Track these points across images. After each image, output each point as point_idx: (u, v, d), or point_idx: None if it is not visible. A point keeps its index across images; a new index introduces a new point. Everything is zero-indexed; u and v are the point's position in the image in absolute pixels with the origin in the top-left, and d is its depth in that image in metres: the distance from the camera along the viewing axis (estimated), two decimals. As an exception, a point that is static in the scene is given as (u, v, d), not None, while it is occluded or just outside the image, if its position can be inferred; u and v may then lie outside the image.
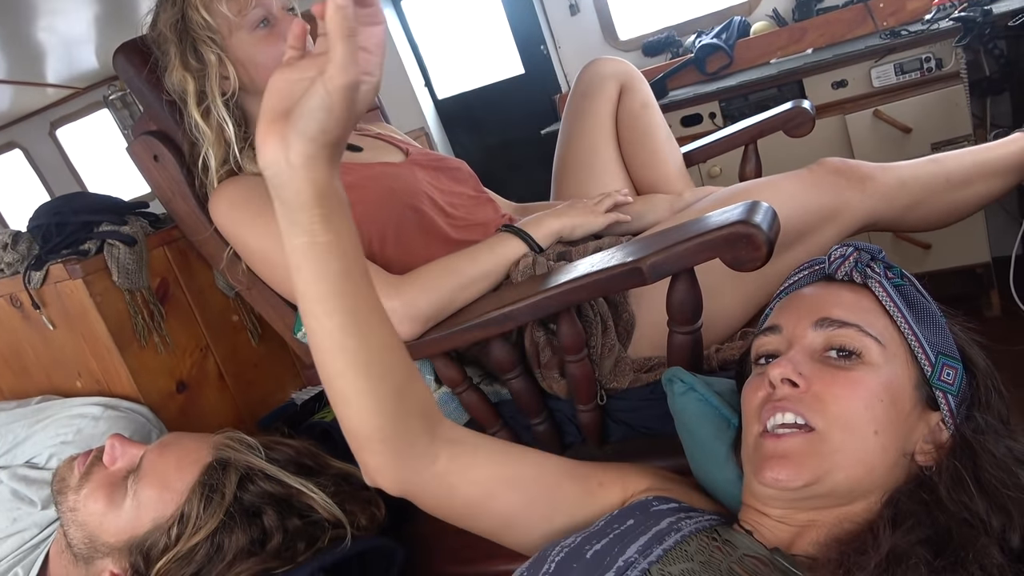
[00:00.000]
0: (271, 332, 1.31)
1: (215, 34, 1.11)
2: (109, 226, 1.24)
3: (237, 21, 1.10)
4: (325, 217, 0.62)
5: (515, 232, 1.12)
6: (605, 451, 1.10)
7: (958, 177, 1.14)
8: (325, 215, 0.62)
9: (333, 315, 0.64)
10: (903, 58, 2.13)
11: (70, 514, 0.88)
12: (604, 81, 1.43)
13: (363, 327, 0.65)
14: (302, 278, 0.64)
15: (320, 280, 0.63)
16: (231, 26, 1.11)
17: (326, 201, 0.61)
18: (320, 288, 0.63)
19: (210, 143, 1.13)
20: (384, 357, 0.67)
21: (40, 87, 3.88)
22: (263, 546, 0.87)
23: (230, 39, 1.12)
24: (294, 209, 0.61)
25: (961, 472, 0.61)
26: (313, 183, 0.60)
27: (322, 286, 0.63)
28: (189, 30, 1.11)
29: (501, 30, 3.73)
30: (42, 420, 1.16)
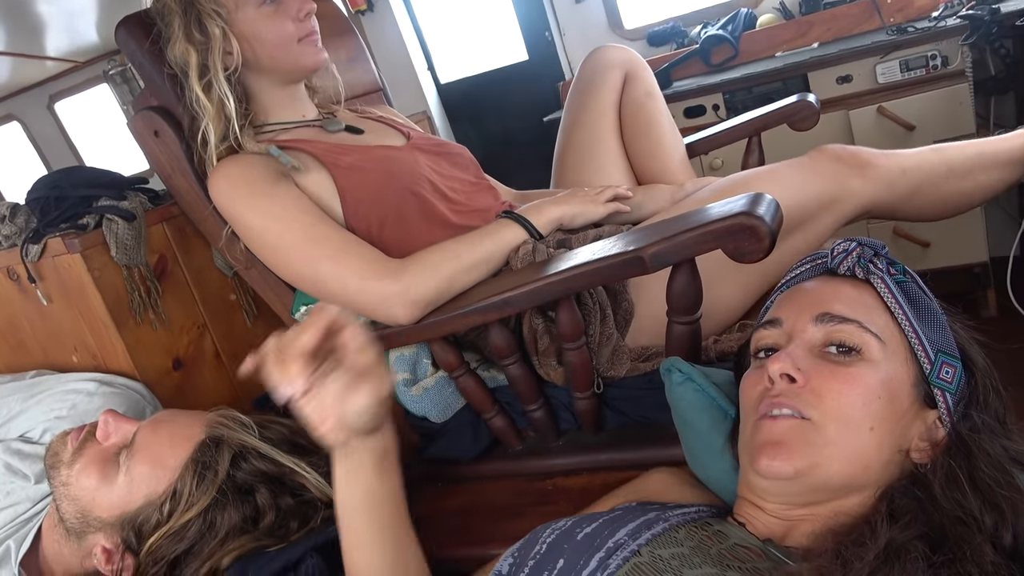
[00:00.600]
0: (269, 312, 1.31)
1: (220, 8, 1.10)
2: (108, 201, 1.23)
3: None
4: (379, 474, 0.76)
5: (515, 218, 1.12)
6: (600, 438, 1.10)
7: (960, 167, 1.13)
8: (379, 472, 0.76)
9: (374, 546, 0.78)
10: (909, 55, 2.12)
11: (63, 489, 0.88)
12: (609, 69, 1.42)
13: (394, 549, 0.80)
14: (355, 521, 0.78)
15: (371, 523, 0.78)
16: (237, 1, 1.10)
17: (382, 462, 0.76)
18: (367, 526, 0.78)
19: (210, 117, 1.12)
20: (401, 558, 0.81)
21: (40, 60, 3.84)
22: (256, 524, 0.87)
23: (236, 13, 1.11)
24: (354, 471, 0.76)
25: (956, 471, 0.62)
26: (372, 451, 0.76)
27: (372, 527, 0.78)
28: (194, 2, 1.10)
29: (506, 16, 3.70)
30: (36, 395, 1.16)
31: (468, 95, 4.00)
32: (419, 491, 1.24)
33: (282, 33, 1.13)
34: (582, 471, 1.11)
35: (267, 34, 1.12)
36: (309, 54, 1.16)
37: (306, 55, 1.16)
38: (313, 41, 1.16)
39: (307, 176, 1.11)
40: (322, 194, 1.11)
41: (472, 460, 1.18)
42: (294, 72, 1.19)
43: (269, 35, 1.12)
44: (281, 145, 1.13)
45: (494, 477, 1.19)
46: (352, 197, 1.11)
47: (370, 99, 1.56)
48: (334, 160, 1.12)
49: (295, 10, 1.13)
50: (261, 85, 1.19)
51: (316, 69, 1.20)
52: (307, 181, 1.11)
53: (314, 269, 1.05)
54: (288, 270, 1.09)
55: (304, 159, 1.12)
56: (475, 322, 1.02)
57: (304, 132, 1.20)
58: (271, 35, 1.12)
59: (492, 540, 1.07)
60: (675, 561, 0.62)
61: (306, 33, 1.15)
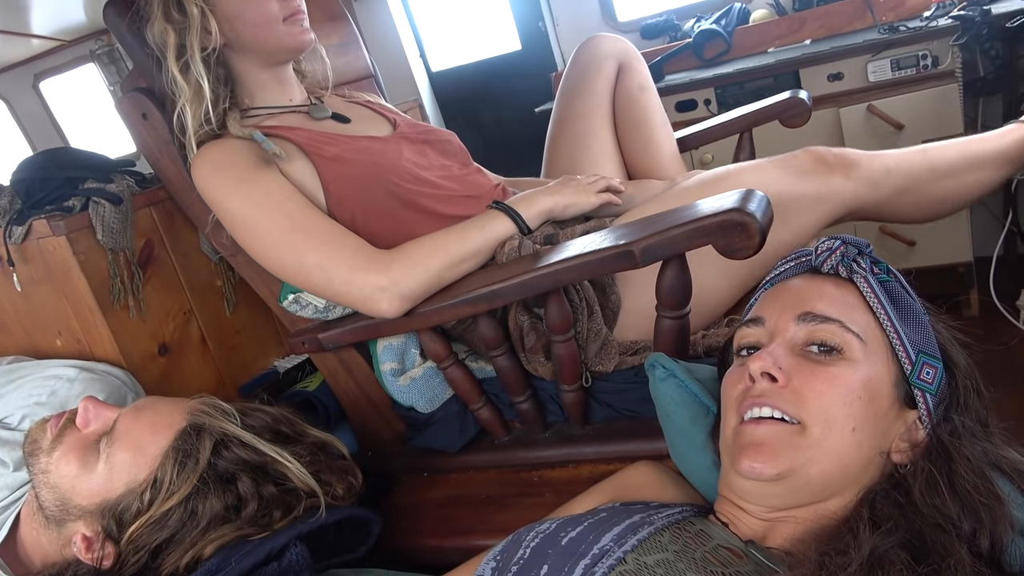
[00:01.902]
0: (255, 298, 1.30)
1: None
2: (95, 183, 1.22)
3: None
4: None
5: (504, 210, 1.11)
6: (587, 431, 1.11)
7: (945, 167, 1.13)
8: None
9: None
10: (900, 54, 2.13)
11: (42, 476, 0.87)
12: (603, 59, 1.41)
13: None
14: None
15: None
16: None
17: None
18: None
19: (187, 99, 1.09)
20: None
21: (25, 38, 3.78)
22: (238, 513, 0.87)
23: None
24: None
25: (935, 476, 0.62)
26: None
27: None
28: None
29: (500, 5, 3.68)
30: (15, 380, 1.14)
31: (460, 84, 3.98)
32: (405, 480, 1.24)
33: (266, 12, 1.10)
34: (568, 463, 1.12)
35: (250, 13, 1.10)
36: (294, 34, 1.13)
37: (291, 35, 1.13)
38: (298, 20, 1.13)
39: (290, 165, 1.09)
40: (306, 183, 1.09)
41: (458, 450, 1.18)
42: (279, 53, 1.16)
43: (252, 14, 1.10)
44: (266, 131, 1.11)
45: (480, 468, 1.19)
46: (335, 188, 1.10)
47: (361, 86, 1.54)
48: (318, 150, 1.11)
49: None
50: (246, 67, 1.17)
51: (302, 50, 1.17)
52: (291, 169, 1.09)
53: (299, 260, 1.04)
54: (271, 259, 1.07)
55: (288, 148, 1.10)
56: (464, 313, 1.02)
57: (290, 118, 1.19)
58: (254, 14, 1.10)
59: (476, 531, 1.07)
60: (660, 569, 0.62)
61: (291, 12, 1.12)
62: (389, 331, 1.11)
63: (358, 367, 1.22)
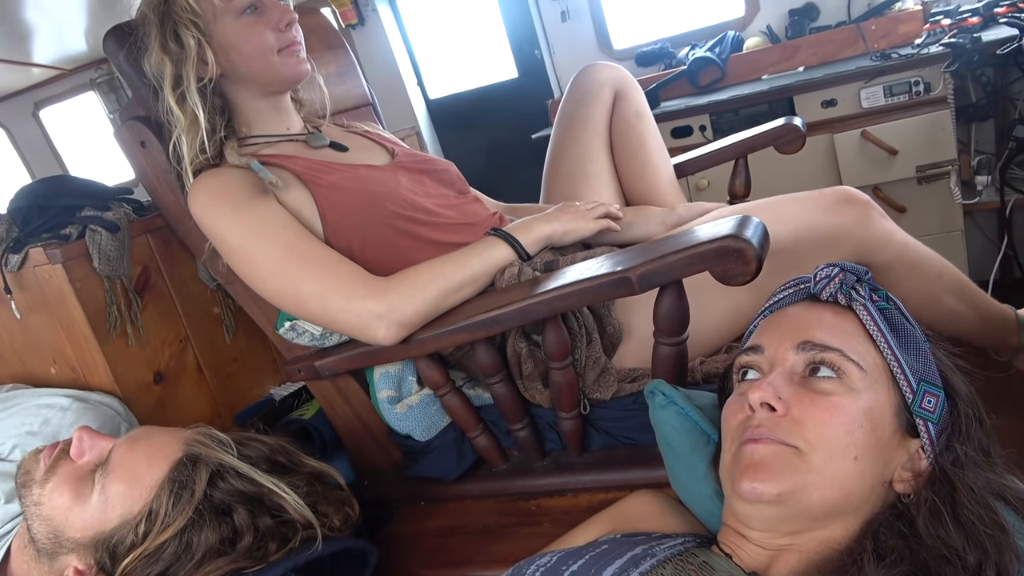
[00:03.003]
0: (251, 326, 1.30)
1: (198, 18, 1.08)
2: (92, 211, 1.22)
3: (222, 6, 1.08)
4: None
5: (503, 236, 1.11)
6: (585, 459, 1.10)
7: (950, 282, 1.11)
8: None
9: None
10: (892, 80, 2.16)
11: (34, 508, 0.86)
12: (600, 87, 1.42)
13: None
14: None
15: None
16: (216, 11, 1.09)
17: None
18: None
19: (182, 129, 1.10)
20: None
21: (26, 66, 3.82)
22: (233, 545, 0.85)
23: (214, 24, 1.09)
24: None
25: (939, 506, 0.61)
26: None
27: None
28: (171, 12, 1.08)
29: (496, 33, 3.73)
30: (8, 408, 1.13)
31: (457, 111, 4.01)
32: (402, 510, 1.23)
33: (261, 44, 1.11)
34: (566, 492, 1.10)
35: (246, 45, 1.10)
36: (290, 65, 1.14)
37: (286, 66, 1.14)
38: (294, 52, 1.14)
39: (288, 193, 1.09)
40: (303, 211, 1.09)
41: (456, 479, 1.17)
42: (275, 83, 1.17)
43: (248, 46, 1.10)
44: (263, 160, 1.12)
45: (478, 496, 1.18)
46: (333, 217, 1.10)
47: (359, 113, 1.56)
48: (315, 179, 1.11)
49: (275, 20, 1.11)
50: (243, 96, 1.18)
51: (298, 80, 1.18)
52: (288, 198, 1.09)
53: (295, 288, 1.04)
54: (267, 288, 1.07)
55: (285, 176, 1.11)
56: (461, 340, 1.02)
57: (287, 147, 1.19)
58: (250, 46, 1.10)
59: (474, 562, 1.06)
60: None
61: (287, 44, 1.12)
62: (386, 358, 1.11)
63: (355, 395, 1.21)
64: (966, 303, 1.12)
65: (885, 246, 1.07)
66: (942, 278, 1.11)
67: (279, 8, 1.11)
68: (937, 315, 1.12)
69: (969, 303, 1.13)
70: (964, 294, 1.13)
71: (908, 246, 1.09)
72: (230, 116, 1.19)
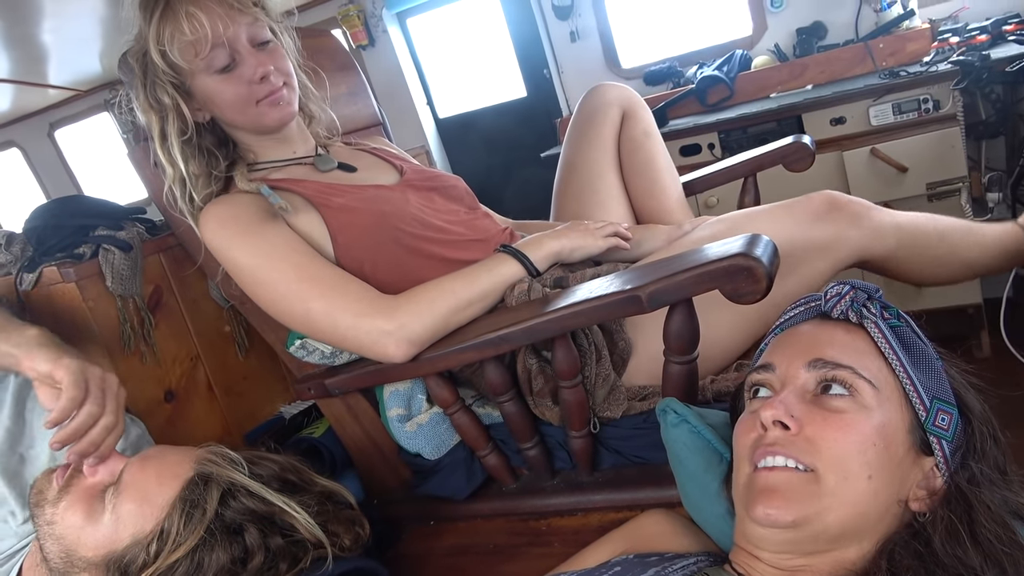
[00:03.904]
0: (262, 344, 1.30)
1: (176, 76, 1.10)
2: (105, 231, 1.23)
3: (201, 64, 1.09)
4: None
5: (512, 253, 1.11)
6: (595, 478, 1.09)
7: (952, 236, 1.14)
8: None
9: None
10: (901, 98, 2.15)
11: (47, 528, 0.86)
12: (607, 107, 1.44)
13: None
14: None
15: None
16: (192, 69, 1.09)
17: None
18: None
19: (171, 180, 1.13)
20: None
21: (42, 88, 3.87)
22: (244, 565, 0.85)
23: (193, 80, 1.11)
24: None
25: (955, 525, 0.61)
26: None
27: None
28: (148, 71, 1.10)
29: (506, 52, 3.76)
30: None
31: (466, 130, 4.04)
32: (411, 529, 1.22)
33: (236, 97, 1.12)
34: (577, 511, 1.10)
35: (221, 99, 1.12)
36: (268, 114, 1.14)
37: (265, 115, 1.14)
38: (274, 101, 1.14)
39: (298, 217, 1.10)
40: (313, 234, 1.11)
41: (466, 498, 1.17)
42: (260, 129, 1.18)
43: (223, 99, 1.12)
44: (272, 184, 1.13)
45: (488, 516, 1.17)
46: (343, 238, 1.11)
47: (369, 133, 1.57)
48: (325, 201, 1.12)
49: (249, 74, 1.11)
50: (241, 134, 1.20)
51: (282, 126, 1.18)
52: (298, 221, 1.10)
53: (305, 307, 1.04)
54: (279, 309, 1.08)
55: (295, 200, 1.12)
56: (471, 358, 1.02)
57: (296, 171, 1.20)
58: (226, 99, 1.12)
59: (483, 582, 1.05)
60: None
61: (265, 94, 1.12)
62: (396, 376, 1.11)
63: (364, 413, 1.21)
64: (975, 244, 1.14)
65: (881, 239, 1.10)
66: (944, 238, 1.14)
67: (255, 60, 1.11)
68: (956, 270, 1.15)
69: (978, 242, 1.15)
70: (969, 237, 1.15)
71: (901, 226, 1.11)
72: (234, 147, 1.20)
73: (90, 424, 0.84)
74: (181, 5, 1.05)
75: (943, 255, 1.14)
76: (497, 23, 3.72)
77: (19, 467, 1.06)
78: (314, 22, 3.66)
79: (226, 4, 1.09)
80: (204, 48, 1.07)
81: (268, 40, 1.14)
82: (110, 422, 0.86)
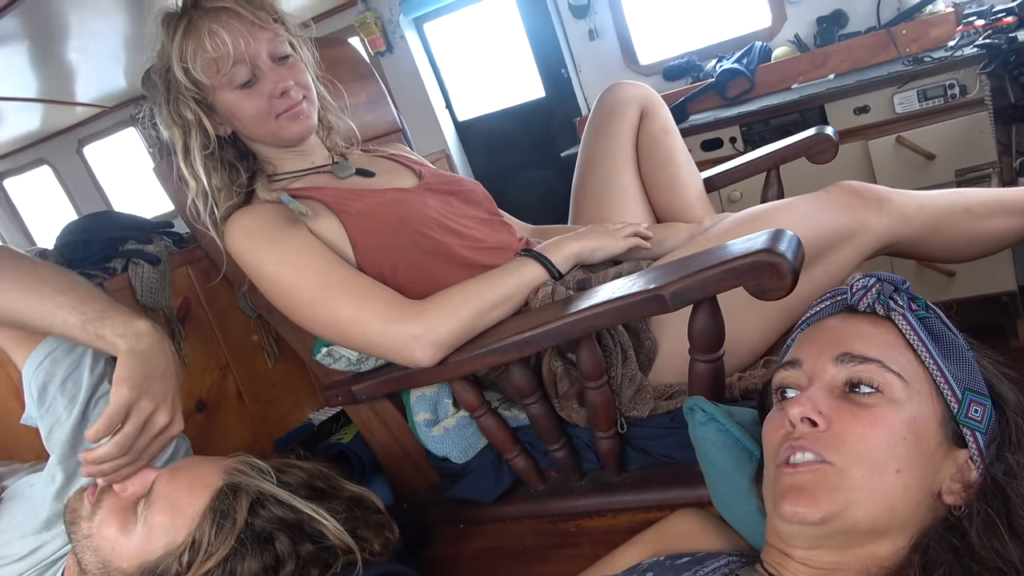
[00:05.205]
0: (290, 352, 1.32)
1: (198, 91, 1.12)
2: (134, 244, 1.26)
3: (222, 80, 1.11)
4: None
5: (534, 256, 1.12)
6: (624, 479, 1.09)
7: (979, 208, 1.12)
8: None
9: None
10: (926, 84, 2.12)
11: (85, 541, 0.88)
12: (625, 105, 1.43)
13: None
14: None
15: None
16: (215, 84, 1.11)
17: None
18: None
19: (194, 193, 1.15)
20: None
21: (70, 106, 3.96)
22: (276, 573, 0.86)
23: (215, 95, 1.13)
24: None
25: (993, 518, 0.59)
26: None
27: None
28: (171, 87, 1.12)
29: (523, 53, 3.76)
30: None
31: (486, 132, 4.05)
32: (441, 532, 1.23)
33: (257, 112, 1.13)
34: (606, 512, 1.09)
35: (242, 113, 1.14)
36: (288, 127, 1.16)
37: (285, 129, 1.16)
38: (293, 115, 1.15)
39: (318, 223, 1.12)
40: (334, 239, 1.12)
41: (494, 501, 1.17)
42: (280, 143, 1.20)
43: (245, 114, 1.14)
44: (293, 193, 1.15)
45: (516, 518, 1.17)
46: (364, 243, 1.12)
47: (388, 140, 1.58)
48: (344, 207, 1.14)
49: (269, 89, 1.12)
50: (260, 147, 1.21)
51: (299, 141, 1.20)
52: (319, 227, 1.12)
53: (332, 314, 1.05)
54: (305, 317, 1.09)
55: (315, 207, 1.13)
56: (496, 361, 1.02)
57: (315, 179, 1.22)
58: (247, 114, 1.13)
59: (514, 585, 1.05)
60: None
61: (284, 109, 1.14)
62: (422, 381, 1.11)
63: (392, 418, 1.21)
64: (1003, 212, 1.13)
65: (906, 223, 1.09)
66: (970, 211, 1.12)
67: (275, 76, 1.13)
68: (990, 244, 1.14)
69: (1007, 209, 1.13)
70: (998, 206, 1.13)
71: (925, 207, 1.10)
72: (254, 160, 1.22)
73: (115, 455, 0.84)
74: (203, 23, 1.07)
75: (971, 230, 1.12)
76: (514, 24, 3.72)
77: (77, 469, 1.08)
78: (333, 30, 3.69)
79: (247, 21, 1.10)
80: (226, 64, 1.09)
81: (288, 55, 1.16)
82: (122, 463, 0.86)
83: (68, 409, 1.02)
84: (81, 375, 1.04)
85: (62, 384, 1.03)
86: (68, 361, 1.04)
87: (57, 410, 1.02)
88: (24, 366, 1.05)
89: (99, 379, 1.05)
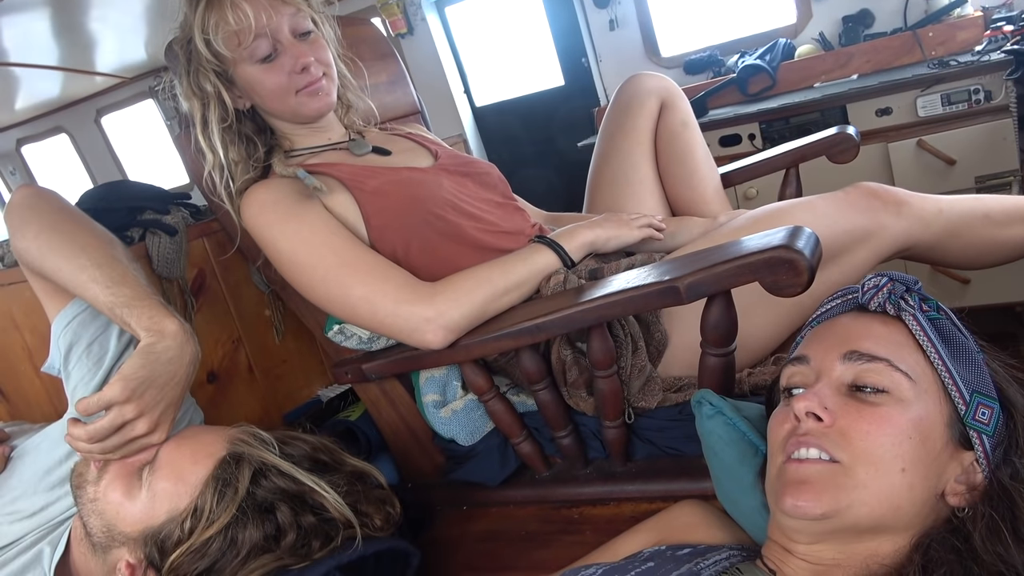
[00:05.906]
0: (301, 328, 1.33)
1: (219, 64, 1.13)
2: (152, 214, 1.27)
3: (244, 53, 1.11)
4: None
5: (548, 243, 1.12)
6: (629, 468, 1.09)
7: (998, 215, 1.11)
8: None
9: None
10: (951, 89, 2.10)
11: (90, 505, 0.89)
12: (645, 96, 1.42)
13: None
14: None
15: None
16: (235, 58, 1.12)
17: None
18: None
19: (211, 165, 1.16)
20: None
21: (89, 75, 3.97)
22: (278, 542, 0.87)
23: (235, 69, 1.13)
24: None
25: (997, 521, 0.59)
26: None
27: None
28: (193, 59, 1.13)
29: (544, 41, 3.75)
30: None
31: (504, 119, 4.04)
32: (444, 514, 1.24)
33: (277, 87, 1.14)
34: (609, 501, 1.10)
35: (262, 87, 1.14)
36: (307, 104, 1.16)
37: (304, 105, 1.16)
38: (313, 91, 1.16)
39: (333, 198, 1.12)
40: (348, 216, 1.12)
41: (498, 485, 1.18)
42: (298, 119, 1.20)
43: (264, 88, 1.14)
44: (309, 168, 1.15)
45: (520, 503, 1.18)
46: (377, 221, 1.12)
47: (407, 121, 1.58)
48: (359, 184, 1.14)
49: (290, 64, 1.13)
50: (278, 122, 1.22)
51: (319, 117, 1.20)
52: (333, 203, 1.12)
53: (345, 292, 1.06)
54: (318, 294, 1.09)
55: (330, 183, 1.14)
56: (507, 346, 1.02)
57: (331, 155, 1.22)
58: (266, 88, 1.14)
59: (516, 568, 1.06)
60: None
61: (304, 84, 1.15)
62: (432, 363, 1.12)
63: (400, 398, 1.22)
64: (1021, 220, 1.12)
65: (924, 226, 1.08)
66: (989, 217, 1.12)
67: (296, 51, 1.13)
68: (1008, 252, 1.13)
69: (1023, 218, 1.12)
70: (1018, 214, 1.12)
71: (943, 211, 1.10)
72: (272, 135, 1.23)
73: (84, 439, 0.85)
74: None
75: (990, 237, 1.12)
76: (535, 11, 3.70)
77: None
78: (354, 11, 3.69)
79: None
80: (247, 38, 1.09)
81: (309, 31, 1.16)
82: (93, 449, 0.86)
83: (92, 372, 1.03)
84: (108, 339, 1.05)
85: (87, 347, 1.04)
86: (96, 325, 1.05)
87: (81, 371, 1.04)
88: (54, 321, 1.06)
89: (126, 345, 1.06)
